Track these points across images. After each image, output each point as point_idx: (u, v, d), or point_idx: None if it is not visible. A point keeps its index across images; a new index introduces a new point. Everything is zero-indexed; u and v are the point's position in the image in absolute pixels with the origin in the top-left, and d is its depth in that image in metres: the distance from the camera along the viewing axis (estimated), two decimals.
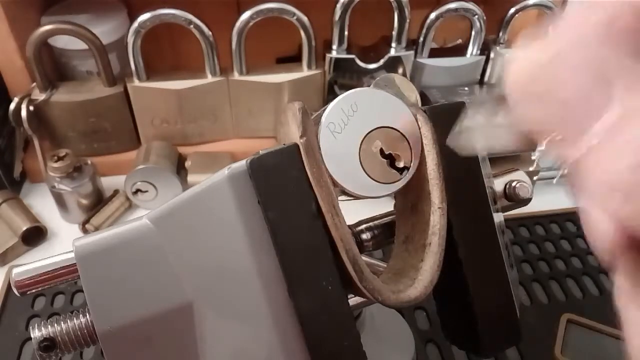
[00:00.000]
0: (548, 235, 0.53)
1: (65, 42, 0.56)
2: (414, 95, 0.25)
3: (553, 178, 0.60)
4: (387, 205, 0.26)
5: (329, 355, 0.20)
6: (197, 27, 0.53)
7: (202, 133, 0.60)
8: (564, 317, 0.43)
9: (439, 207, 0.21)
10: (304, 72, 0.57)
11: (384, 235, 0.25)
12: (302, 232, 0.19)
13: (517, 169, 0.28)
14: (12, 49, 0.53)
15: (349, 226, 0.22)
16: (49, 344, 0.21)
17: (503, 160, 0.56)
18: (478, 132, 0.19)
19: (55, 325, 0.21)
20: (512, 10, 0.58)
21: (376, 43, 0.60)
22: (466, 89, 0.60)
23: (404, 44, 0.57)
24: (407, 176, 0.22)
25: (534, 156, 0.54)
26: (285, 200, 0.19)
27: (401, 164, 0.22)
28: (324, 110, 0.21)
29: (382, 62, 0.58)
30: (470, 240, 0.23)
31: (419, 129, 0.22)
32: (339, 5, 0.53)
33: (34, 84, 0.55)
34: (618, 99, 0.12)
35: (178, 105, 0.57)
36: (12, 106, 0.53)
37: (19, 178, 0.59)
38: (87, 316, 0.21)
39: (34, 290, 0.21)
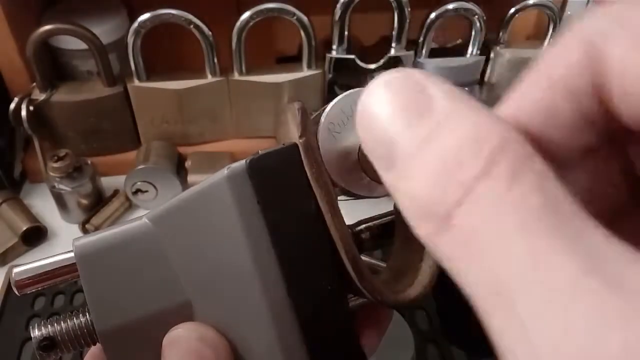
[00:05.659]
0: None
1: (65, 42, 0.57)
2: None
3: None
4: (387, 205, 0.26)
5: (328, 355, 0.20)
6: (197, 27, 0.53)
7: (202, 133, 0.60)
8: None
9: None
10: (304, 72, 0.57)
11: (383, 235, 0.25)
12: (301, 232, 0.19)
13: None
14: (12, 49, 0.53)
15: (348, 226, 0.22)
16: (48, 344, 0.21)
17: None
18: None
19: (55, 324, 0.21)
20: (512, 10, 0.58)
21: (376, 43, 0.60)
22: (466, 89, 0.60)
23: (404, 44, 0.57)
24: None
25: None
26: (285, 200, 0.19)
27: None
28: (324, 110, 0.21)
29: (382, 62, 0.58)
30: None
31: None
32: (339, 5, 0.53)
33: (34, 84, 0.55)
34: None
35: (178, 105, 0.57)
36: (12, 106, 0.53)
37: (19, 178, 0.59)
38: (87, 316, 0.21)
39: (33, 290, 0.21)
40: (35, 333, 0.21)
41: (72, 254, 0.20)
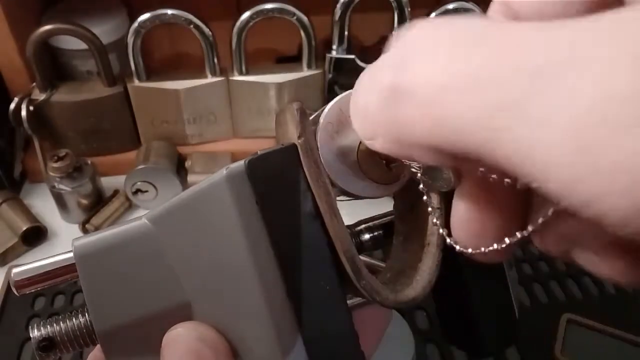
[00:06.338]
0: None
1: (65, 42, 0.57)
2: None
3: None
4: (387, 205, 0.26)
5: (327, 355, 0.20)
6: (197, 27, 0.53)
7: (202, 133, 0.60)
8: (564, 317, 0.43)
9: (438, 208, 0.21)
10: (304, 72, 0.57)
11: (383, 235, 0.25)
12: (300, 232, 0.19)
13: None
14: (12, 49, 0.53)
15: (348, 226, 0.22)
16: (47, 344, 0.21)
17: None
18: None
19: (54, 325, 0.21)
20: None
21: (376, 43, 0.60)
22: None
23: None
24: (406, 177, 0.22)
25: None
26: (283, 200, 0.19)
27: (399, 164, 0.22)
28: (322, 110, 0.21)
29: None
30: None
31: None
32: (339, 5, 0.53)
33: (34, 84, 0.55)
34: None
35: (178, 105, 0.57)
36: (12, 106, 0.53)
37: (19, 178, 0.59)
38: (86, 316, 0.21)
39: (33, 290, 0.21)
40: (35, 333, 0.21)
41: (71, 254, 0.20)
